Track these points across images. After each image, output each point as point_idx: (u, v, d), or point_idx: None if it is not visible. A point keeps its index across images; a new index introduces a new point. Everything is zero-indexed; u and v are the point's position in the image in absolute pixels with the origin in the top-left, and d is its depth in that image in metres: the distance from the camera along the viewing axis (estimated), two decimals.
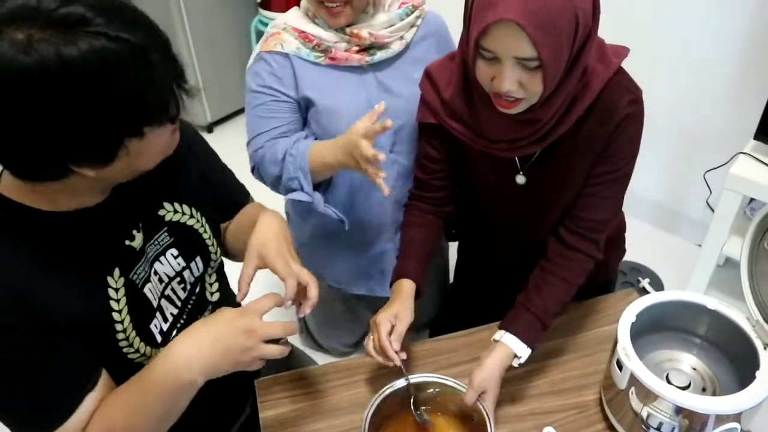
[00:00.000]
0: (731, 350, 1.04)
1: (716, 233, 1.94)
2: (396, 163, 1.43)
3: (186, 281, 1.03)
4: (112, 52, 0.69)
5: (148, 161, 0.82)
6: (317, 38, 1.32)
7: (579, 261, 1.15)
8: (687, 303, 1.06)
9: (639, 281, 2.26)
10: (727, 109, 2.16)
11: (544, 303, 1.11)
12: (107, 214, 0.89)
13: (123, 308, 0.90)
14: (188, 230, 1.03)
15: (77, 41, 0.67)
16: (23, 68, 0.66)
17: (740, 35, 2.03)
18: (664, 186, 2.45)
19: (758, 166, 1.80)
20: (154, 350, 0.96)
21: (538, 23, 0.88)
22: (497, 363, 1.06)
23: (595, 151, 1.10)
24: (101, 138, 0.73)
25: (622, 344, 0.98)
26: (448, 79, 1.12)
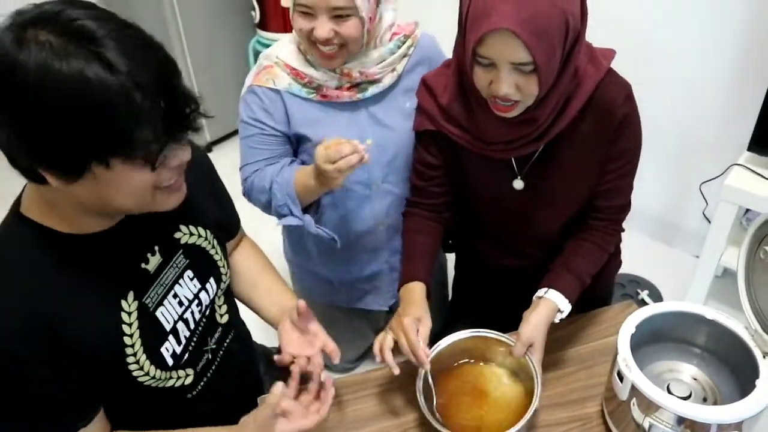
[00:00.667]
0: (731, 360, 1.05)
1: (713, 244, 1.96)
2: (389, 193, 1.46)
3: (203, 303, 1.04)
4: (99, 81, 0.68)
5: (122, 197, 0.78)
6: (309, 77, 1.32)
7: (609, 232, 1.24)
8: (686, 313, 1.07)
9: (638, 293, 2.26)
10: (721, 122, 2.19)
11: (581, 263, 1.20)
12: (124, 237, 0.90)
13: (134, 332, 0.91)
14: (201, 252, 1.05)
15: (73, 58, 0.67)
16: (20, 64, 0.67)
17: (731, 50, 2.06)
18: (661, 198, 2.46)
19: (753, 177, 1.82)
20: (164, 373, 0.96)
21: (531, 30, 0.92)
22: (542, 317, 1.12)
23: (598, 150, 1.14)
24: (66, 151, 0.71)
25: (622, 355, 0.99)
26: (444, 86, 1.16)
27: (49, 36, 0.68)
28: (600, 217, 1.23)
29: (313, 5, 1.20)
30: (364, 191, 1.44)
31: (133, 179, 0.76)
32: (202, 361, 1.05)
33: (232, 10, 3.09)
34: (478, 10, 0.95)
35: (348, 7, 1.20)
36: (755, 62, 1.99)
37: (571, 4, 0.96)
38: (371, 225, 1.49)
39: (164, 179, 0.81)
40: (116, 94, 0.69)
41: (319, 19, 1.21)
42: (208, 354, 1.06)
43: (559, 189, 1.19)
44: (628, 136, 1.13)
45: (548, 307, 1.13)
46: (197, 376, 1.03)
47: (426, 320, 1.13)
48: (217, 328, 1.10)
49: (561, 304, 1.14)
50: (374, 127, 1.38)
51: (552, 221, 1.24)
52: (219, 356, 1.09)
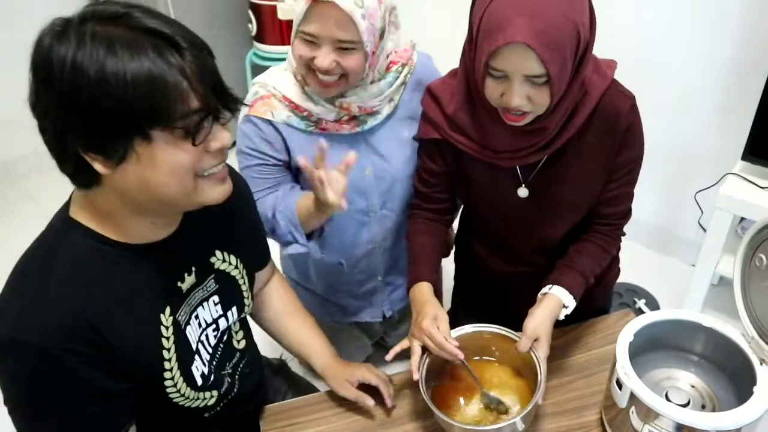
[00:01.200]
0: (728, 367, 1.06)
1: (709, 253, 1.97)
2: (387, 218, 1.47)
3: (219, 328, 1.05)
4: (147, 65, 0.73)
5: (164, 177, 0.79)
6: (308, 111, 1.30)
7: (611, 236, 1.26)
8: (683, 321, 1.08)
9: (635, 302, 2.28)
10: (715, 132, 2.21)
11: (585, 261, 1.21)
12: (168, 253, 0.91)
13: (171, 347, 0.92)
14: (231, 280, 1.06)
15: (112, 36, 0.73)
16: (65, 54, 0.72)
17: (724, 61, 2.08)
18: (657, 208, 2.48)
19: (747, 185, 1.84)
20: (193, 392, 0.97)
21: (545, 42, 0.93)
22: (547, 312, 1.13)
23: (602, 159, 1.15)
24: (110, 124, 0.74)
25: (620, 363, 0.99)
26: (450, 95, 1.17)
27: (96, 26, 0.73)
28: (603, 223, 1.25)
29: (318, 35, 1.17)
30: (363, 218, 1.44)
31: (174, 156, 0.78)
32: (225, 384, 1.05)
33: (229, 22, 3.11)
34: (492, 23, 0.96)
35: (354, 41, 1.18)
36: (748, 72, 2.01)
37: (582, 15, 0.98)
38: (369, 249, 1.51)
39: (206, 164, 0.82)
40: (155, 64, 0.73)
41: (323, 49, 1.18)
42: (228, 378, 1.07)
43: (563, 197, 1.20)
44: (632, 145, 1.15)
45: (553, 302, 1.14)
46: (220, 398, 1.04)
47: (442, 315, 1.14)
48: (235, 353, 1.11)
49: (566, 300, 1.15)
50: (373, 157, 1.38)
51: (555, 228, 1.26)
52: (237, 380, 1.10)
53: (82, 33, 0.73)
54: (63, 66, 0.72)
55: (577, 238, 1.26)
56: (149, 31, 0.74)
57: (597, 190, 1.20)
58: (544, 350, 1.09)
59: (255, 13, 2.96)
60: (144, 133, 0.75)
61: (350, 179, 1.27)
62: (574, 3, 0.97)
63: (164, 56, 0.74)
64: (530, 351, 1.09)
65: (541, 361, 1.08)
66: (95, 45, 0.72)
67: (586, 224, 1.26)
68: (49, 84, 0.73)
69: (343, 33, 1.16)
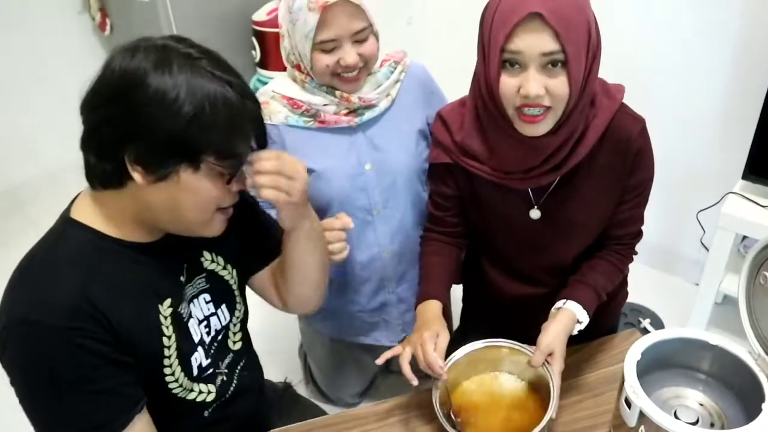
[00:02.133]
0: (736, 384, 1.06)
1: (712, 272, 1.98)
2: (392, 218, 1.47)
3: (211, 326, 1.08)
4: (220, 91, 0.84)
5: (193, 205, 0.88)
6: (306, 103, 1.35)
7: (623, 254, 1.28)
8: (689, 340, 1.09)
9: (640, 322, 2.28)
10: (715, 152, 2.23)
11: (598, 278, 1.22)
12: (162, 251, 0.96)
13: (172, 335, 0.96)
14: (221, 280, 1.09)
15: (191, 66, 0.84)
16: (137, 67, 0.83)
17: (723, 80, 2.11)
18: (660, 227, 2.49)
19: (748, 204, 1.86)
20: (189, 383, 1.01)
21: (559, 17, 0.97)
22: (561, 326, 1.13)
23: (614, 181, 1.17)
24: (169, 148, 0.82)
25: (629, 382, 1.00)
26: (460, 124, 1.19)
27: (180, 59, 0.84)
28: (615, 243, 1.27)
29: (337, 36, 1.24)
30: (366, 217, 1.45)
31: (210, 188, 0.87)
32: (218, 381, 1.08)
33: (233, 49, 3.15)
34: (505, 10, 1.00)
35: (366, 27, 1.26)
36: (746, 92, 2.04)
37: (591, 15, 1.02)
38: (375, 253, 1.50)
39: (225, 202, 0.92)
40: (237, 102, 0.85)
41: (344, 47, 1.26)
42: (223, 376, 1.09)
43: (575, 219, 1.21)
44: (643, 168, 1.17)
45: (567, 317, 1.15)
46: (216, 395, 1.06)
47: (444, 334, 1.14)
48: (228, 354, 1.12)
49: (579, 315, 1.15)
50: (372, 152, 1.41)
51: (567, 250, 1.27)
52: (234, 380, 1.12)
53: (168, 58, 0.82)
54: (143, 82, 0.80)
55: (590, 256, 1.27)
56: (223, 76, 0.85)
57: (608, 212, 1.21)
58: (559, 365, 1.09)
59: (258, 39, 3.01)
60: (195, 161, 0.83)
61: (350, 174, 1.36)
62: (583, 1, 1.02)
63: (244, 99, 0.84)
64: (544, 366, 1.09)
65: (555, 375, 1.08)
66: (181, 72, 0.81)
67: (598, 245, 1.27)
68: (125, 95, 0.80)
69: (357, 23, 1.25)
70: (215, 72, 0.85)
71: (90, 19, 3.17)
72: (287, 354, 2.13)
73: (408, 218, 1.49)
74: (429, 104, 1.47)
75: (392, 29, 2.89)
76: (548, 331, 1.12)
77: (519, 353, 1.15)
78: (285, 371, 1.34)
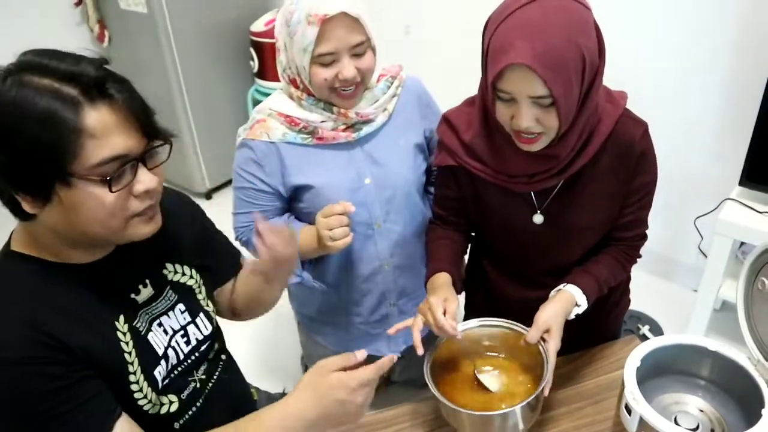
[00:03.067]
0: (735, 390, 1.07)
1: (711, 278, 1.99)
2: (392, 231, 1.47)
3: (189, 335, 1.07)
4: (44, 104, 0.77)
5: (88, 221, 0.84)
6: (303, 121, 1.34)
7: (629, 254, 1.28)
8: (689, 346, 1.09)
9: (639, 328, 2.28)
10: (712, 159, 2.24)
11: (601, 269, 1.22)
12: (111, 269, 0.95)
13: (132, 350, 0.94)
14: (188, 290, 1.09)
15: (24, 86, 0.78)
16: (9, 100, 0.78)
17: (720, 88, 2.13)
18: (657, 234, 2.48)
19: (745, 210, 1.87)
20: (155, 396, 0.99)
21: (546, 64, 0.97)
22: (559, 306, 1.13)
23: (617, 184, 1.18)
24: (30, 168, 0.79)
25: (629, 389, 1.00)
26: (467, 123, 1.20)
27: (24, 75, 0.79)
28: (620, 245, 1.27)
29: (336, 49, 1.24)
30: (367, 231, 1.46)
31: (95, 201, 0.82)
32: (188, 389, 1.06)
33: (231, 59, 3.17)
34: (497, 47, 1.00)
35: (365, 41, 1.26)
36: (742, 99, 2.05)
37: (587, 39, 1.01)
38: (376, 266, 1.50)
39: (134, 207, 0.87)
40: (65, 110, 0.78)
41: (342, 61, 1.26)
42: (195, 383, 1.08)
43: (578, 223, 1.22)
44: (646, 171, 1.19)
45: (565, 298, 1.15)
46: (183, 404, 1.04)
47: (452, 299, 1.15)
48: (203, 361, 1.11)
49: (579, 298, 1.15)
50: (371, 166, 1.41)
51: (570, 254, 1.27)
52: (209, 387, 1.10)
53: (6, 80, 0.78)
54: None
55: (595, 253, 1.28)
56: (68, 78, 0.79)
57: (612, 216, 1.22)
58: (555, 342, 1.08)
59: (256, 50, 3.03)
60: (63, 179, 0.80)
61: (349, 189, 1.36)
62: (578, 26, 1.00)
63: (77, 102, 0.78)
64: (539, 344, 1.09)
65: (551, 353, 1.07)
66: (15, 90, 0.78)
67: (601, 248, 1.28)
68: None
69: (356, 37, 1.25)
70: (61, 72, 0.79)
71: (88, 31, 3.18)
72: (286, 364, 2.13)
73: (408, 231, 1.49)
74: (425, 118, 1.47)
75: (390, 39, 2.92)
76: (546, 309, 1.11)
77: (514, 333, 1.14)
78: (284, 382, 1.33)
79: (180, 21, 2.88)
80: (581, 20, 1.01)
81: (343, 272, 1.50)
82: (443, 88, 1.63)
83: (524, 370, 1.15)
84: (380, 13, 2.81)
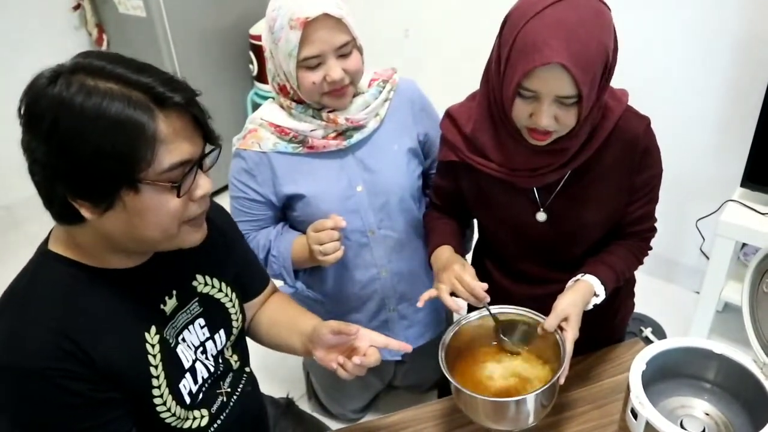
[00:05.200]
0: (742, 393, 1.06)
1: (713, 279, 1.98)
2: (388, 237, 1.46)
3: (208, 351, 1.06)
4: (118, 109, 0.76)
5: (150, 226, 0.83)
6: (293, 130, 1.34)
7: (641, 245, 1.28)
8: (694, 349, 1.09)
9: (642, 331, 2.27)
10: (713, 160, 2.23)
11: (616, 260, 1.21)
12: (145, 277, 0.93)
13: (159, 364, 0.93)
14: (216, 303, 1.07)
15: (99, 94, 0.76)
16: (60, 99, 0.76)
17: (720, 89, 2.12)
18: (659, 236, 2.46)
19: (747, 212, 1.86)
20: (183, 411, 0.97)
21: (580, 64, 0.97)
22: (579, 294, 1.12)
23: (621, 180, 1.18)
24: (99, 176, 0.78)
25: (635, 393, 0.99)
26: (468, 116, 1.20)
27: (85, 78, 0.77)
28: (632, 238, 1.27)
29: (321, 51, 1.23)
30: (362, 239, 1.45)
31: (161, 206, 0.82)
32: (217, 403, 1.06)
33: (230, 63, 3.16)
34: (528, 44, 0.99)
35: (349, 41, 1.25)
36: (743, 100, 2.05)
37: (610, 39, 1.02)
38: (374, 273, 1.49)
39: (191, 212, 0.87)
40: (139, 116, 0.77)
41: (329, 63, 1.25)
42: (223, 397, 1.07)
43: (581, 220, 1.21)
44: (651, 164, 1.19)
45: (585, 287, 1.13)
46: (212, 417, 1.04)
47: (469, 266, 1.16)
48: (229, 373, 1.11)
49: (597, 288, 1.14)
50: (363, 173, 1.40)
51: (573, 250, 1.27)
52: (233, 399, 1.10)
53: (69, 83, 0.76)
54: (51, 115, 0.76)
55: (608, 244, 1.27)
56: (134, 84, 0.78)
57: (615, 212, 1.22)
58: (573, 331, 1.06)
59: (256, 53, 3.01)
60: (132, 185, 0.79)
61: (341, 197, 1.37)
62: (604, 28, 1.01)
63: (149, 108, 0.78)
64: (555, 333, 1.07)
65: (568, 342, 1.05)
66: (82, 96, 0.76)
67: (605, 243, 1.27)
68: (37, 131, 0.77)
69: (339, 37, 1.24)
70: (128, 80, 0.78)
71: (87, 35, 3.18)
72: (289, 370, 2.12)
73: (404, 237, 1.48)
74: (419, 122, 1.46)
75: (389, 42, 2.92)
76: (564, 297, 1.10)
77: (530, 322, 1.12)
78: (287, 387, 1.32)
79: (179, 25, 2.87)
80: (608, 22, 1.02)
81: (339, 281, 1.50)
82: (442, 88, 1.63)
83: (540, 359, 1.12)
84: (379, 16, 2.82)
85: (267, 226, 1.43)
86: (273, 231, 1.41)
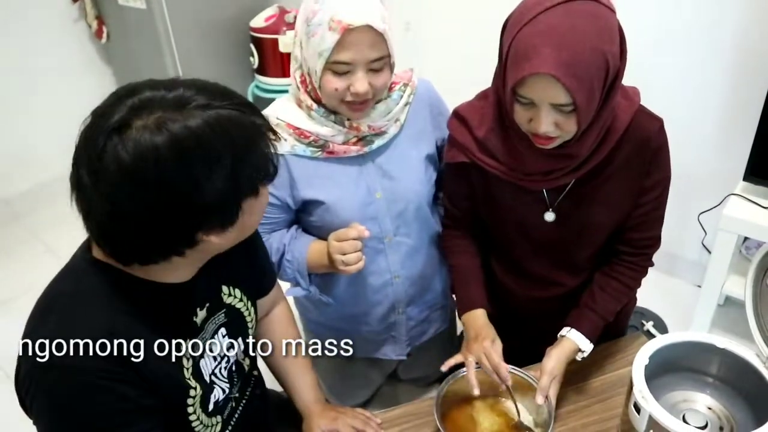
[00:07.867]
0: (744, 388, 1.06)
1: (715, 273, 1.97)
2: (403, 244, 1.43)
3: (230, 360, 1.07)
4: (226, 117, 0.78)
5: (254, 222, 0.90)
6: (314, 134, 1.28)
7: (637, 269, 1.27)
8: (697, 343, 1.08)
9: (643, 324, 2.28)
10: (716, 154, 2.23)
11: (606, 303, 1.23)
12: (185, 292, 0.94)
13: (191, 376, 0.95)
14: (237, 313, 1.08)
15: (193, 116, 0.76)
16: (157, 145, 0.73)
17: (723, 83, 2.12)
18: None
19: (750, 206, 1.85)
20: (207, 418, 0.99)
21: (571, 73, 0.94)
22: (563, 355, 1.18)
23: (631, 181, 1.17)
24: (227, 198, 0.80)
25: (638, 387, 0.99)
26: (480, 118, 1.18)
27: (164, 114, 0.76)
28: (630, 252, 1.25)
29: (353, 60, 1.17)
30: (378, 245, 1.41)
31: (265, 197, 0.90)
32: (227, 408, 1.06)
33: (231, 55, 3.15)
34: (519, 51, 0.97)
35: (384, 56, 1.19)
36: (747, 94, 2.04)
37: (611, 44, 0.98)
38: (387, 279, 1.47)
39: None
40: (245, 121, 0.82)
41: (357, 74, 1.19)
42: (232, 402, 1.08)
43: (590, 220, 1.21)
44: (661, 167, 1.18)
45: (569, 347, 1.19)
46: (224, 423, 1.05)
47: (498, 342, 1.20)
48: (241, 377, 1.11)
49: (582, 345, 1.19)
50: (382, 180, 1.36)
51: (581, 251, 1.26)
52: (242, 404, 1.11)
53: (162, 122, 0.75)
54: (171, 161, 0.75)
55: (603, 271, 1.27)
56: (246, 104, 0.84)
57: (625, 213, 1.20)
58: (556, 389, 1.14)
59: (256, 46, 3.01)
60: (255, 191, 0.85)
61: (360, 203, 1.33)
62: (603, 32, 0.97)
63: (252, 114, 0.83)
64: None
65: (552, 398, 1.12)
66: (207, 126, 0.77)
67: (612, 245, 1.26)
68: (157, 184, 0.75)
69: (376, 52, 1.18)
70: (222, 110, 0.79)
71: (87, 27, 3.16)
72: None
73: (419, 244, 1.46)
74: (438, 126, 1.42)
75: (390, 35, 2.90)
76: (551, 357, 1.16)
77: (518, 379, 1.19)
78: None
79: (179, 17, 2.86)
80: (607, 26, 0.98)
81: (352, 286, 1.47)
82: (444, 84, 1.61)
83: (529, 413, 1.19)
84: None
85: (280, 228, 1.40)
86: (287, 234, 1.37)
